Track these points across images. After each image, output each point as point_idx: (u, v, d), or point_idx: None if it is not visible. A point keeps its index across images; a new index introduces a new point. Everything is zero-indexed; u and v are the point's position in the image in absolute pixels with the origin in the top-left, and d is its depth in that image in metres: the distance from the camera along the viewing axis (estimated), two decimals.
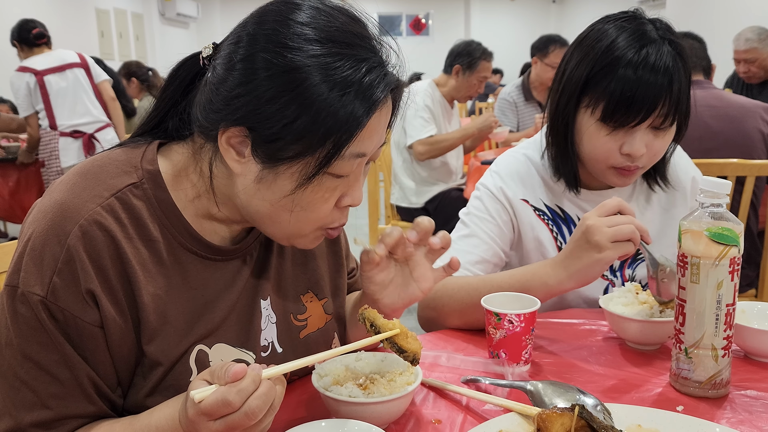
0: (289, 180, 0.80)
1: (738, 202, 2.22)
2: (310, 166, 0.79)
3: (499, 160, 1.45)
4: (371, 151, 0.84)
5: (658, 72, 1.19)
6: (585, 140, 1.28)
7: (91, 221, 0.80)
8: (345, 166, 0.81)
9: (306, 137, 0.77)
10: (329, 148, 0.78)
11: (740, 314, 1.12)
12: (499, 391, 0.97)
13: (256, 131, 0.79)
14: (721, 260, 0.91)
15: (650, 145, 1.25)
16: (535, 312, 1.05)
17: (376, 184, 3.54)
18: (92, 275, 0.79)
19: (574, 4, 15.10)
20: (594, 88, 1.24)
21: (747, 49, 3.87)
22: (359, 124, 0.78)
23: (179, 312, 0.87)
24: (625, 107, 1.20)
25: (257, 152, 0.80)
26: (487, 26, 15.01)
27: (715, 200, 0.92)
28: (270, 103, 0.77)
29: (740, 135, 2.38)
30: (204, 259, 0.90)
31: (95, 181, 0.84)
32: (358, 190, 0.87)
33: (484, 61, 3.65)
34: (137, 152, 0.89)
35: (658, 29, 1.24)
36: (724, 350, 0.94)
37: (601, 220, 1.09)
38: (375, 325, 0.87)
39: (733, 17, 5.80)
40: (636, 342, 1.14)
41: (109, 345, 0.82)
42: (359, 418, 0.82)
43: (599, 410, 0.86)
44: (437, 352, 1.11)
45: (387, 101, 0.82)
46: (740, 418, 0.90)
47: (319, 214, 0.84)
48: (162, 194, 0.86)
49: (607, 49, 1.23)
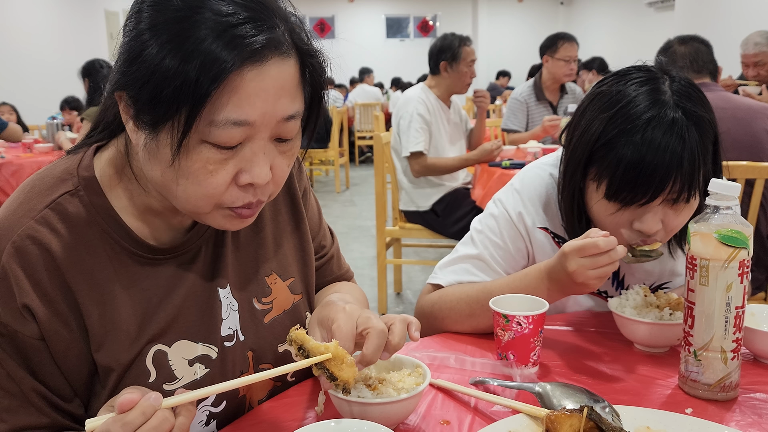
0: (166, 147, 0.76)
1: (747, 205, 2.21)
2: (177, 130, 0.74)
3: (524, 177, 1.35)
4: (257, 119, 0.76)
5: (667, 148, 1.08)
6: (594, 215, 1.20)
7: (23, 236, 0.81)
8: (222, 134, 0.75)
9: (159, 99, 0.73)
10: (189, 109, 0.73)
11: (749, 317, 1.11)
12: (507, 392, 0.97)
13: (129, 94, 0.77)
14: (730, 263, 0.91)
15: (666, 221, 1.14)
16: (543, 314, 1.05)
17: (383, 186, 3.54)
18: (28, 290, 0.80)
19: (581, 5, 15.07)
20: (599, 161, 1.14)
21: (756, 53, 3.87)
22: (213, 81, 0.72)
23: (129, 315, 0.86)
24: (631, 184, 1.10)
25: (137, 118, 0.78)
26: (494, 28, 15.01)
27: (724, 203, 0.92)
28: (132, 63, 0.75)
29: (748, 136, 2.39)
30: (148, 260, 0.89)
31: (31, 195, 0.85)
32: (259, 167, 0.79)
33: (465, 46, 3.65)
34: (75, 159, 0.89)
35: (674, 93, 1.12)
36: (734, 353, 0.94)
37: (583, 264, 1.05)
38: (304, 349, 0.81)
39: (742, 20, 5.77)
40: (645, 344, 1.14)
41: (55, 357, 0.83)
42: (368, 419, 0.82)
43: (608, 412, 0.86)
44: (446, 354, 1.11)
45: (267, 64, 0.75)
46: (749, 421, 0.89)
47: (209, 188, 0.78)
48: (99, 199, 0.86)
49: (612, 119, 1.12)
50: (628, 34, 12.48)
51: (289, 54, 0.78)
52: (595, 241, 1.05)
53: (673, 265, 1.35)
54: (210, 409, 0.93)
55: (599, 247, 1.04)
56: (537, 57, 4.44)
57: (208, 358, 0.92)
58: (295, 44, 0.80)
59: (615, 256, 1.05)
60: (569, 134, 1.23)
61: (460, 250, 1.34)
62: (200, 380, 0.91)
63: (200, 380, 0.91)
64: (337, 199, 7.68)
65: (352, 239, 5.69)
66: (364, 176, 9.33)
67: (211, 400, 0.93)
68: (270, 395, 1.02)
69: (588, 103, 1.20)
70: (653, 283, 1.35)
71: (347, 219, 6.51)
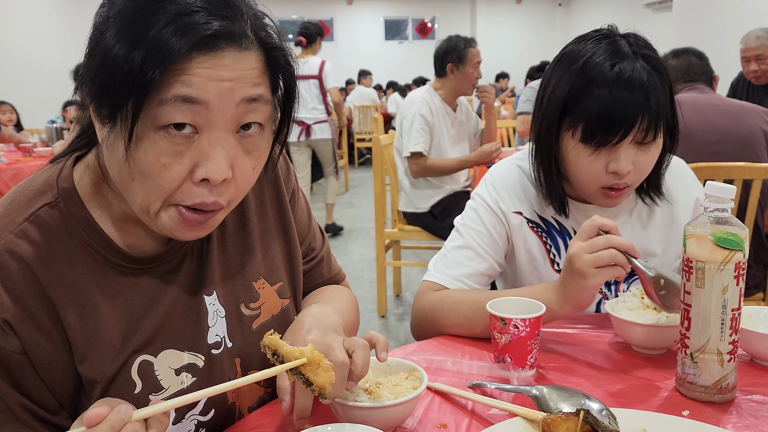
0: (120, 140, 0.74)
1: (745, 206, 2.22)
2: (128, 117, 0.72)
3: (494, 172, 1.45)
4: (212, 99, 0.73)
5: (633, 88, 1.18)
6: (570, 163, 1.28)
7: (2, 251, 0.80)
8: (171, 111, 0.72)
9: (111, 86, 0.72)
10: (136, 94, 0.70)
11: (746, 318, 1.11)
12: (504, 395, 0.97)
13: (88, 88, 0.76)
14: (726, 265, 0.91)
15: (637, 161, 1.24)
16: (540, 317, 1.05)
17: (382, 188, 3.55)
18: (8, 304, 0.79)
19: (580, 7, 15.09)
20: (572, 110, 1.24)
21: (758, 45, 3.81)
22: (160, 63, 0.70)
23: (112, 326, 0.85)
24: (604, 126, 1.20)
25: (97, 113, 0.77)
26: (492, 29, 15.03)
27: (719, 205, 0.92)
28: (90, 55, 0.75)
29: (742, 129, 2.42)
30: (131, 270, 0.87)
31: (11, 208, 0.84)
32: (215, 161, 0.75)
33: (471, 48, 3.65)
34: (56, 169, 0.87)
35: (631, 45, 1.24)
36: (730, 355, 0.94)
37: (581, 246, 1.07)
38: (278, 354, 0.79)
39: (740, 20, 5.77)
40: (641, 346, 1.14)
41: (38, 370, 0.82)
42: (365, 423, 0.82)
43: (604, 415, 0.86)
44: (443, 357, 1.11)
45: (221, 52, 0.73)
46: (746, 423, 0.90)
47: (162, 182, 0.75)
48: (78, 210, 0.85)
49: (581, 70, 1.22)
50: None
51: (249, 48, 0.76)
52: (592, 218, 1.11)
53: (648, 243, 1.39)
54: (198, 418, 0.92)
55: (594, 222, 1.10)
56: (535, 58, 4.46)
57: (195, 367, 0.91)
58: (259, 39, 0.78)
59: (613, 240, 1.06)
60: (540, 94, 1.32)
61: (448, 245, 1.40)
62: (188, 389, 0.90)
63: (188, 389, 0.90)
64: (336, 201, 7.68)
65: (351, 241, 5.69)
66: (363, 178, 9.34)
67: (199, 409, 0.92)
68: (260, 403, 1.01)
69: (555, 63, 1.31)
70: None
71: (346, 221, 6.52)
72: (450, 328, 1.25)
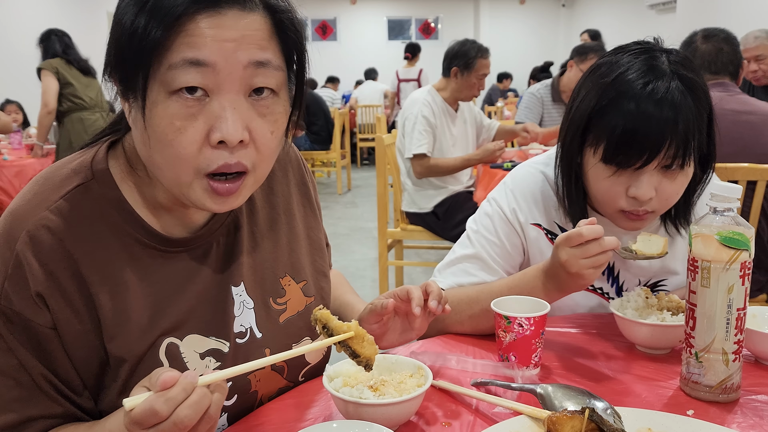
0: (138, 110, 0.78)
1: (749, 207, 2.21)
2: (141, 84, 0.76)
3: (516, 175, 1.38)
4: (219, 61, 0.75)
5: (662, 109, 1.10)
6: (591, 181, 1.21)
7: (38, 225, 0.82)
8: (180, 74, 0.75)
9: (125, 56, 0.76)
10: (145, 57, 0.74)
11: (751, 318, 1.11)
12: (509, 394, 0.97)
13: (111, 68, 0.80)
14: (731, 264, 0.91)
15: (661, 188, 1.16)
16: (545, 315, 1.05)
17: (385, 188, 3.54)
18: (41, 278, 0.81)
19: (583, 8, 15.07)
20: (596, 125, 1.17)
21: (757, 45, 3.77)
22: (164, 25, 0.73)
23: (141, 307, 0.87)
24: (626, 147, 1.12)
25: (123, 94, 0.80)
26: (496, 30, 15.00)
27: (725, 204, 0.92)
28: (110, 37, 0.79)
29: (758, 144, 2.32)
30: (161, 252, 0.90)
31: (45, 186, 0.86)
32: (227, 121, 0.77)
33: (481, 58, 3.61)
34: (90, 153, 0.90)
35: (671, 63, 1.15)
36: (735, 354, 0.94)
37: (573, 254, 1.05)
38: (328, 328, 0.84)
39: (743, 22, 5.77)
40: (646, 346, 1.14)
41: (66, 347, 0.83)
42: (370, 420, 0.82)
43: (609, 413, 0.86)
44: (447, 355, 1.11)
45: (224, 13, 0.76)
46: (751, 423, 0.89)
47: (179, 148, 0.77)
48: (112, 192, 0.87)
49: (610, 85, 1.15)
50: (629, 36, 12.26)
51: (252, 9, 0.78)
52: (580, 229, 1.05)
53: (670, 262, 1.35)
54: None
55: (583, 235, 1.04)
56: (539, 58, 4.44)
57: (219, 352, 0.93)
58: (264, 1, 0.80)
59: (605, 245, 1.04)
60: (569, 104, 1.25)
61: (457, 251, 1.35)
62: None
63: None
64: (338, 200, 7.69)
65: (353, 241, 5.69)
66: (365, 178, 9.34)
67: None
68: (279, 393, 1.03)
69: (588, 74, 1.23)
70: (648, 280, 1.35)
71: (349, 221, 6.52)
72: (452, 326, 1.25)
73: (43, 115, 4.47)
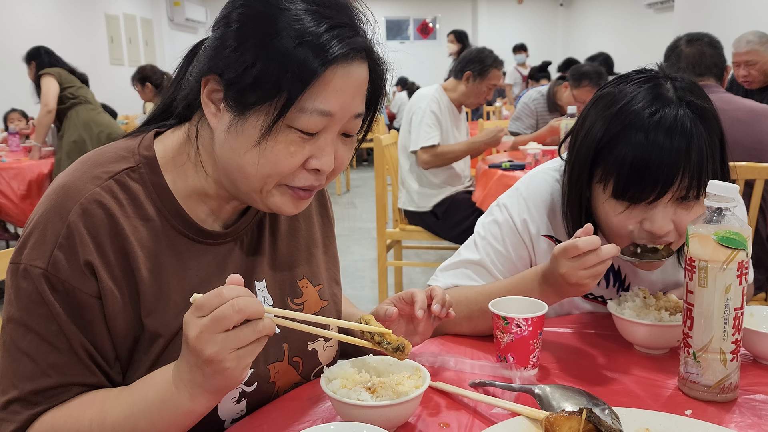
0: (254, 129, 0.84)
1: (747, 206, 2.21)
2: (271, 114, 0.82)
3: (530, 181, 1.33)
4: (337, 112, 0.85)
5: (672, 138, 1.06)
6: (602, 218, 1.17)
7: (90, 200, 0.86)
8: (308, 121, 0.83)
9: (263, 83, 0.81)
10: (285, 96, 0.81)
11: (749, 318, 1.12)
12: (507, 394, 0.97)
13: (224, 77, 0.84)
14: (728, 264, 0.91)
15: (678, 220, 1.11)
16: (542, 316, 1.05)
17: (383, 188, 3.54)
18: (91, 248, 0.85)
19: (581, 7, 15.08)
20: (604, 159, 1.12)
21: (748, 50, 3.76)
22: (313, 73, 0.81)
23: (176, 288, 0.91)
24: (638, 180, 1.07)
25: (228, 100, 0.85)
26: (494, 30, 15.01)
27: (722, 204, 0.92)
28: (235, 49, 0.83)
29: (750, 138, 2.36)
30: (195, 242, 0.94)
31: (94, 166, 0.90)
32: (328, 155, 0.87)
33: (495, 69, 3.64)
34: (136, 140, 0.95)
35: (677, 89, 1.11)
36: (733, 354, 0.94)
37: (571, 266, 1.03)
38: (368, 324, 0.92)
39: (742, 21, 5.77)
40: (644, 346, 1.14)
41: (106, 317, 0.86)
42: (367, 422, 0.82)
43: (607, 414, 0.86)
44: (445, 356, 1.11)
45: (353, 64, 0.84)
46: (749, 422, 0.90)
47: (283, 167, 0.86)
48: (157, 178, 0.92)
49: (616, 116, 1.11)
50: (627, 36, 12.47)
51: (363, 59, 0.87)
52: (576, 241, 1.03)
53: (681, 275, 1.33)
54: (243, 387, 0.97)
55: (579, 248, 1.02)
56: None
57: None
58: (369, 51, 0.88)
59: (603, 255, 1.02)
60: (573, 138, 1.22)
61: (462, 253, 1.34)
62: None
63: None
64: (337, 201, 7.69)
65: (352, 241, 5.69)
66: (364, 178, 9.34)
67: (245, 379, 0.93)
68: (293, 388, 1.04)
69: (590, 105, 1.19)
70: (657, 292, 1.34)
71: (348, 221, 6.52)
72: (451, 327, 1.24)
73: (42, 115, 4.49)
